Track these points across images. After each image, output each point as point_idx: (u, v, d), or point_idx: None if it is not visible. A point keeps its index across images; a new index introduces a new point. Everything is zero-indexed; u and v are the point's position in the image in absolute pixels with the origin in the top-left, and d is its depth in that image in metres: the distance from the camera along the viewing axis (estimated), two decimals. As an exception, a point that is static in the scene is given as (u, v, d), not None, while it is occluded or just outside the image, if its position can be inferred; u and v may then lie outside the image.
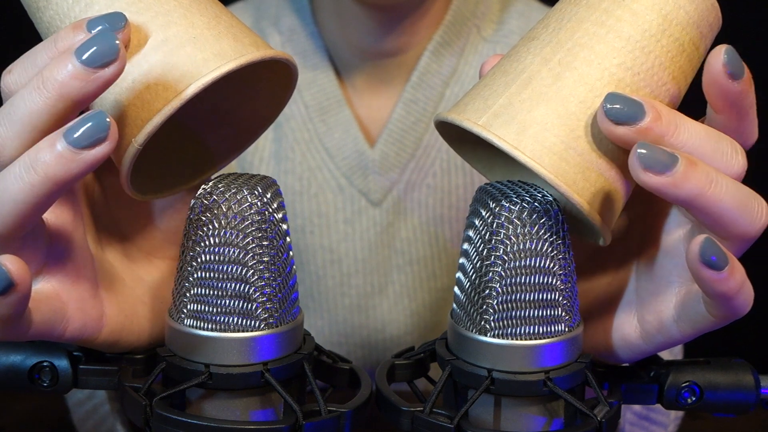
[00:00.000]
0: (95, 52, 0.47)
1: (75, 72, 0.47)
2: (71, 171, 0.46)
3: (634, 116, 0.49)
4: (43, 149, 0.47)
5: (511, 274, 0.51)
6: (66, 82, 0.47)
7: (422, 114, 0.96)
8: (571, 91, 0.50)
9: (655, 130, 0.49)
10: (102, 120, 0.47)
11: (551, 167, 0.50)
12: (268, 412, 0.54)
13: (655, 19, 0.51)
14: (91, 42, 0.47)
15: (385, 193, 0.96)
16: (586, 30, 0.51)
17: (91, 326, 0.53)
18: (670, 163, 0.48)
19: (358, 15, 0.93)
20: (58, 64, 0.47)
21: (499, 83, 0.52)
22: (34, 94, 0.47)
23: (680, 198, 0.48)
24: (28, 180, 0.46)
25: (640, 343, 0.55)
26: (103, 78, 0.47)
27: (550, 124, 0.50)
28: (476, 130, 0.51)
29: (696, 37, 0.52)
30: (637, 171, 0.48)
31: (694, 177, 0.48)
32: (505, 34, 0.99)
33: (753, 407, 0.57)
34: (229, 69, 0.50)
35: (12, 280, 0.46)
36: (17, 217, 0.47)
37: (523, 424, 0.53)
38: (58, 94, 0.47)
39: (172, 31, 0.50)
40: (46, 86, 0.47)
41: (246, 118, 0.58)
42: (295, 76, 0.55)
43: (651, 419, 0.84)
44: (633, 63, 0.51)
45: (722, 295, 0.49)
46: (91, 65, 0.47)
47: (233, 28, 0.52)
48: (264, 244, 0.52)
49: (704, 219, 0.50)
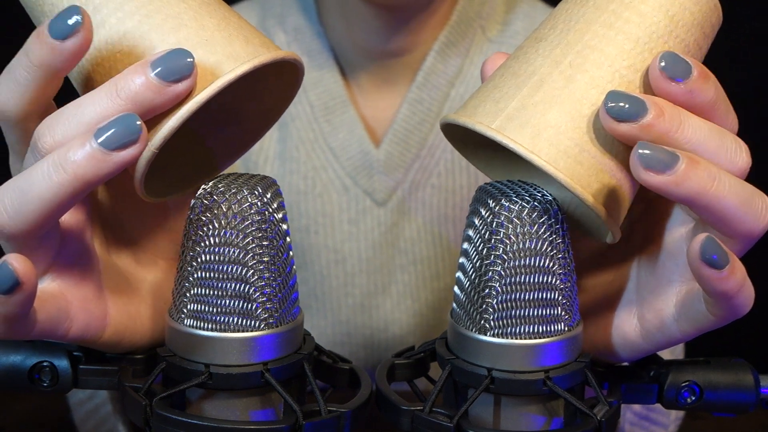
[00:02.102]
0: (170, 66, 0.48)
1: (149, 83, 0.48)
2: (100, 171, 0.47)
3: (636, 113, 0.49)
4: (73, 148, 0.47)
5: (511, 274, 0.51)
6: (140, 92, 0.48)
7: (427, 114, 0.96)
8: (583, 94, 0.51)
9: (658, 126, 0.49)
10: (133, 122, 0.47)
11: (567, 170, 0.50)
12: (268, 412, 0.54)
13: (662, 20, 0.51)
14: (167, 57, 0.48)
15: (390, 193, 0.96)
16: (596, 32, 0.51)
17: (95, 326, 0.53)
18: (671, 162, 0.48)
19: (364, 15, 0.93)
20: (133, 74, 0.48)
21: (510, 85, 0.52)
22: (106, 100, 0.49)
23: (682, 196, 0.48)
24: (57, 179, 0.47)
25: (640, 342, 0.55)
26: (175, 92, 0.49)
27: (564, 128, 0.50)
28: (490, 134, 0.51)
29: (700, 38, 0.53)
30: (639, 170, 0.48)
31: (696, 175, 0.48)
32: (511, 35, 0.99)
33: (753, 407, 0.57)
34: (242, 71, 0.50)
35: (18, 279, 0.46)
36: (41, 216, 0.48)
37: (523, 423, 0.53)
38: (132, 102, 0.48)
39: (183, 34, 0.51)
40: (120, 94, 0.48)
41: (250, 117, 0.58)
42: (302, 76, 0.55)
43: (651, 419, 0.84)
44: (642, 65, 0.51)
45: (723, 294, 0.49)
46: (166, 79, 0.48)
47: (242, 29, 0.52)
48: (264, 244, 0.52)
49: (707, 217, 0.49)
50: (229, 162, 0.58)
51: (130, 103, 0.48)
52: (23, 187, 0.47)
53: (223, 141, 0.58)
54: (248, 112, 0.58)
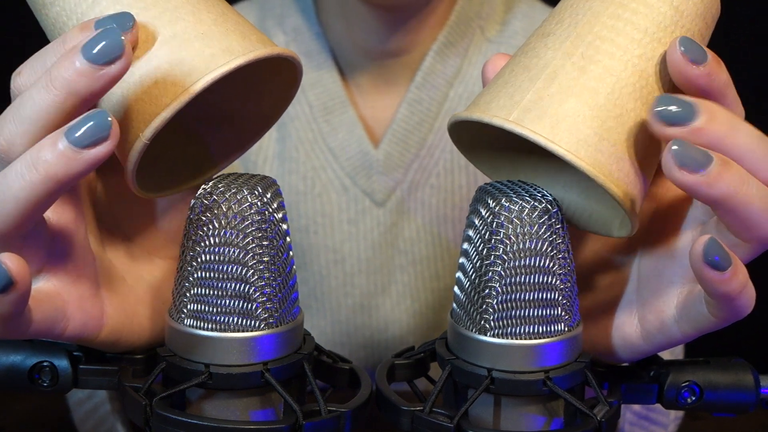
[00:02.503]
0: (101, 49, 0.47)
1: (82, 69, 0.47)
2: (72, 170, 0.47)
3: (686, 117, 0.48)
4: (44, 148, 0.47)
5: (511, 274, 0.51)
6: (73, 80, 0.47)
7: (426, 114, 0.96)
8: (598, 83, 0.51)
9: (709, 130, 0.48)
10: (103, 119, 0.47)
11: (588, 159, 0.49)
12: (268, 412, 0.54)
13: (668, 11, 0.52)
14: (97, 39, 0.47)
15: (389, 193, 0.96)
16: (604, 23, 0.52)
17: (92, 325, 0.53)
18: (705, 162, 0.47)
19: (363, 15, 0.93)
20: (65, 61, 0.47)
21: (522, 79, 0.52)
22: (42, 92, 0.48)
23: (712, 197, 0.48)
24: (29, 178, 0.47)
25: (641, 343, 0.55)
26: (109, 75, 0.47)
27: (582, 117, 0.50)
28: (509, 127, 0.50)
29: (702, 28, 0.53)
30: (672, 168, 0.48)
31: (728, 177, 0.48)
32: (510, 35, 0.99)
33: (753, 407, 0.57)
34: (237, 64, 0.50)
35: (11, 278, 0.46)
36: (18, 216, 0.47)
37: (523, 423, 0.53)
38: (66, 91, 0.47)
39: (180, 27, 0.51)
40: (54, 84, 0.47)
41: (249, 118, 0.58)
42: (300, 75, 0.55)
43: (651, 419, 0.84)
44: (653, 54, 0.51)
45: (725, 296, 0.49)
46: (97, 62, 0.47)
47: (240, 25, 0.53)
48: (264, 244, 0.52)
49: (730, 220, 0.49)
50: (226, 162, 0.58)
51: (65, 93, 0.47)
52: None
53: (221, 141, 0.58)
54: (246, 113, 0.58)
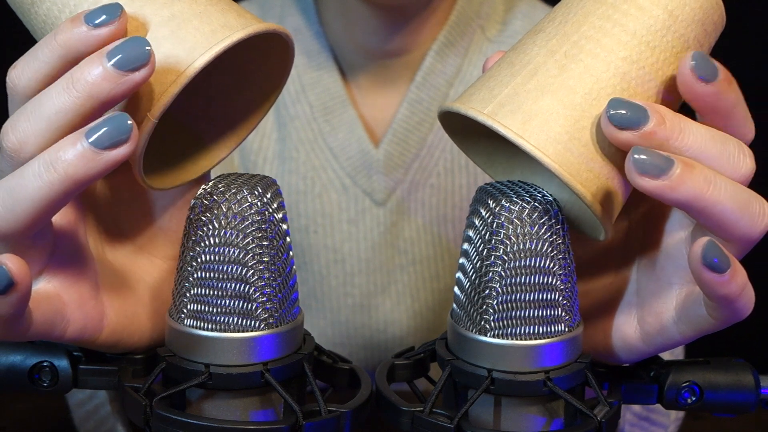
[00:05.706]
0: (127, 55, 0.48)
1: (105, 74, 0.47)
2: (91, 171, 0.47)
3: (637, 121, 0.49)
4: (64, 148, 0.47)
5: (511, 274, 0.51)
6: (96, 83, 0.47)
7: (426, 114, 0.96)
8: (576, 82, 0.51)
9: (659, 134, 0.49)
10: (124, 122, 0.47)
11: (555, 157, 0.49)
12: (268, 412, 0.54)
13: (660, 14, 0.51)
14: (123, 45, 0.48)
15: (389, 193, 0.96)
16: (593, 23, 0.52)
17: (92, 327, 0.53)
18: (666, 167, 0.48)
19: (364, 15, 0.93)
20: (89, 65, 0.48)
21: (505, 74, 0.52)
22: (63, 94, 0.48)
23: (678, 201, 0.48)
24: (47, 178, 0.47)
25: (640, 345, 0.55)
26: (132, 81, 0.48)
27: (555, 115, 0.50)
28: (481, 119, 0.51)
29: (701, 35, 0.53)
30: (634, 175, 0.48)
31: (691, 180, 0.48)
32: (510, 35, 0.99)
33: (753, 407, 0.57)
34: (238, 38, 0.50)
35: (12, 280, 0.46)
36: (33, 216, 0.47)
37: (523, 424, 0.53)
38: (87, 94, 0.48)
39: (177, 7, 0.51)
40: (75, 86, 0.48)
41: (240, 108, 0.58)
42: (292, 55, 0.56)
43: (651, 420, 0.84)
44: (638, 57, 0.51)
45: (724, 298, 0.49)
46: (122, 68, 0.47)
47: (234, 5, 0.53)
48: (264, 244, 0.52)
49: (704, 221, 0.49)
50: (224, 154, 0.58)
51: (86, 95, 0.48)
52: (14, 186, 0.47)
53: (216, 134, 0.59)
54: (237, 104, 0.58)
